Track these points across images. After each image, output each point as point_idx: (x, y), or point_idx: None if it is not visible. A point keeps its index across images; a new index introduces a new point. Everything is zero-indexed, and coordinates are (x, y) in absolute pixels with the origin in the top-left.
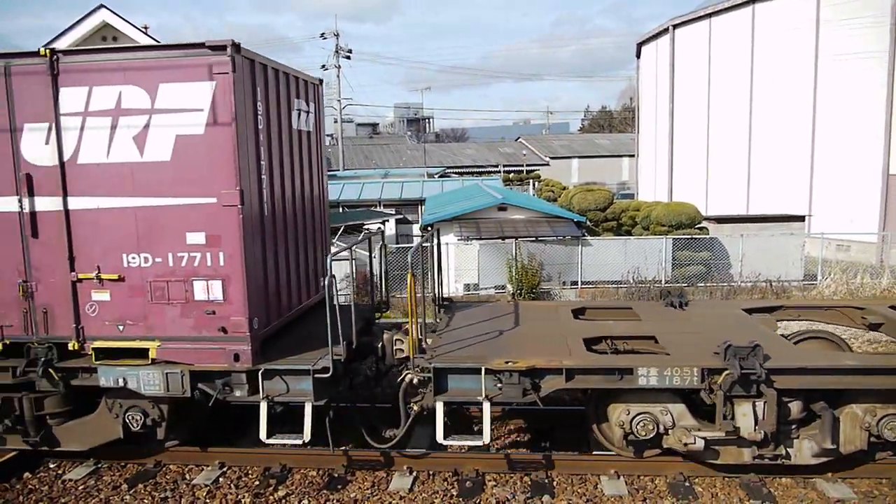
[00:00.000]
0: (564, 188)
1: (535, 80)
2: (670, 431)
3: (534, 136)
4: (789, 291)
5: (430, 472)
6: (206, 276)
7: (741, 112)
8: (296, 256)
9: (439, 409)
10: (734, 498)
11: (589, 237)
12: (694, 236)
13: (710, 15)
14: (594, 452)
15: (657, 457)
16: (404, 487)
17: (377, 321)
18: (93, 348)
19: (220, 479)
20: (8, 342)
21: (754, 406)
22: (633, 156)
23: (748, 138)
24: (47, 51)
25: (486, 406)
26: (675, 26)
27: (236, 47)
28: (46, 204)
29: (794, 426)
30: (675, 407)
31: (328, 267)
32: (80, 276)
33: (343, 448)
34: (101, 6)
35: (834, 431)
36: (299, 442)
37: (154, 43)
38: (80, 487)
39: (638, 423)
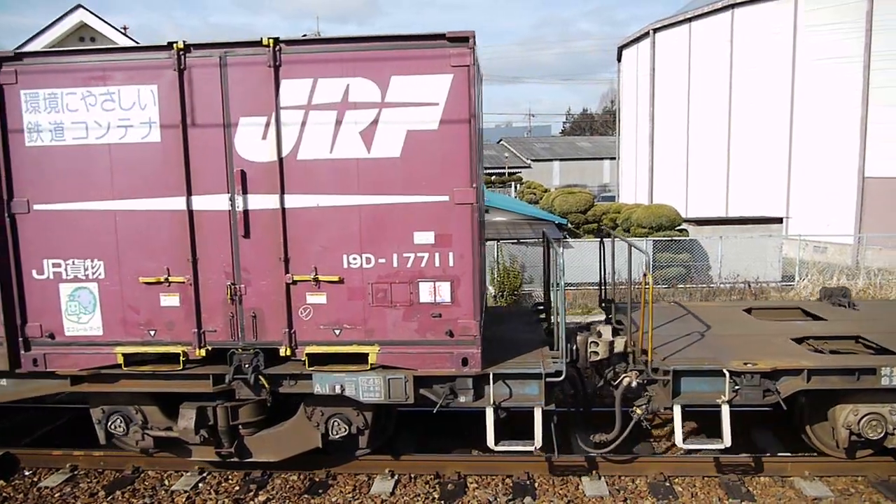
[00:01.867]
0: (546, 191)
1: (517, 83)
2: (884, 431)
3: (516, 138)
4: (767, 292)
5: (412, 476)
6: (434, 278)
7: (720, 115)
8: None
9: (676, 412)
10: (713, 497)
11: (570, 239)
12: (674, 238)
13: (690, 19)
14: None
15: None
16: (386, 491)
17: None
18: (306, 354)
19: (200, 485)
20: (209, 349)
21: None
22: (614, 158)
23: (727, 141)
24: (270, 40)
25: (726, 410)
26: (655, 30)
27: (473, 37)
28: (261, 202)
29: None
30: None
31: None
32: (296, 277)
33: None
34: (79, 6)
35: None
36: (530, 448)
37: (386, 34)
38: (57, 495)
39: (867, 424)
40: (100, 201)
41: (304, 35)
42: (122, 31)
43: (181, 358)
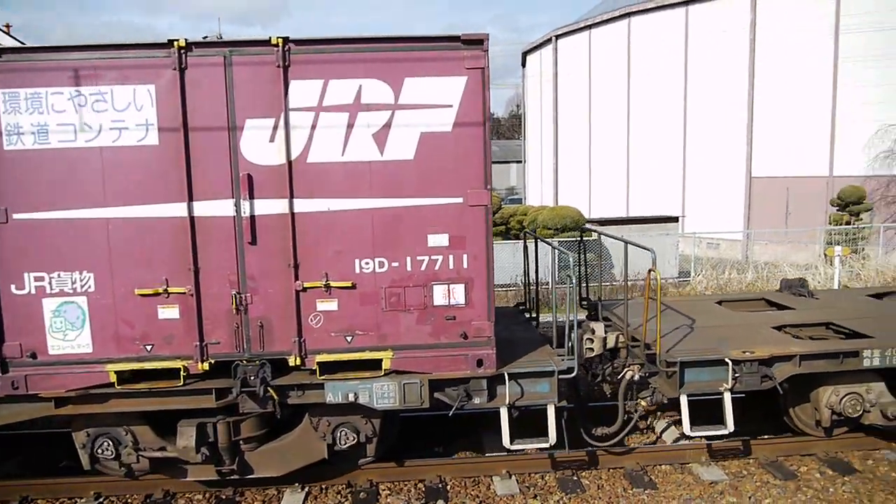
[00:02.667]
0: None
1: None
2: (871, 408)
3: None
4: (666, 288)
5: (323, 487)
6: (448, 280)
7: (620, 119)
8: None
9: (684, 401)
10: (618, 487)
11: None
12: (583, 238)
13: (590, 26)
14: (487, 455)
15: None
16: None
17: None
18: (318, 362)
19: None
20: (212, 362)
21: None
22: (520, 162)
23: (626, 144)
24: (279, 39)
25: (728, 396)
26: (557, 37)
27: (486, 40)
28: (269, 207)
29: None
30: (876, 385)
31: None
32: (306, 284)
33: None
34: None
35: None
36: (546, 445)
37: (400, 35)
38: None
39: (847, 404)
40: (90, 209)
41: (205, 37)
42: (4, 30)
43: (182, 373)
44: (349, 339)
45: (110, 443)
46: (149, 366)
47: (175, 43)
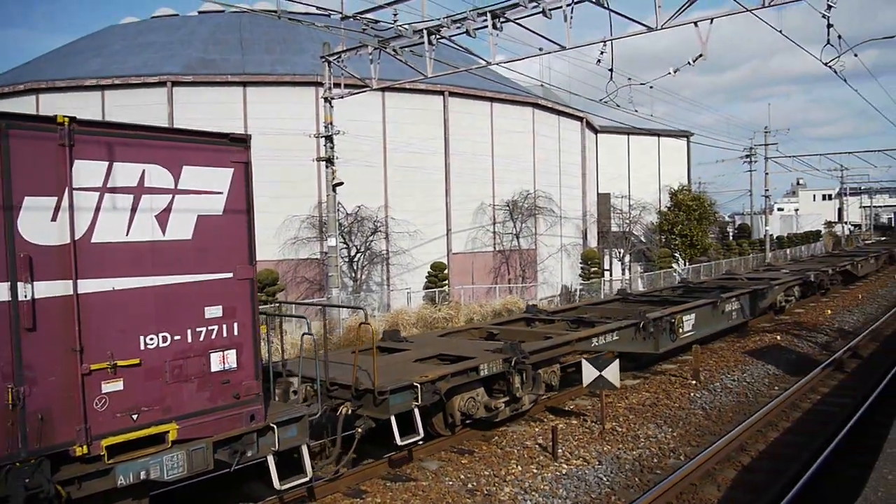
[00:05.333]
0: None
1: None
2: (479, 406)
3: None
4: None
5: None
6: (222, 347)
7: None
8: None
9: (393, 420)
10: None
11: None
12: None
13: None
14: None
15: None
16: None
17: None
18: (105, 447)
19: None
20: None
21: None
22: None
23: None
24: (66, 118)
25: (417, 411)
26: None
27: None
28: (49, 289)
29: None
30: (480, 390)
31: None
32: (93, 367)
33: None
34: None
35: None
36: (306, 480)
37: (178, 128)
38: None
39: (469, 405)
40: None
41: None
42: None
43: None
44: (135, 416)
45: None
46: None
47: None
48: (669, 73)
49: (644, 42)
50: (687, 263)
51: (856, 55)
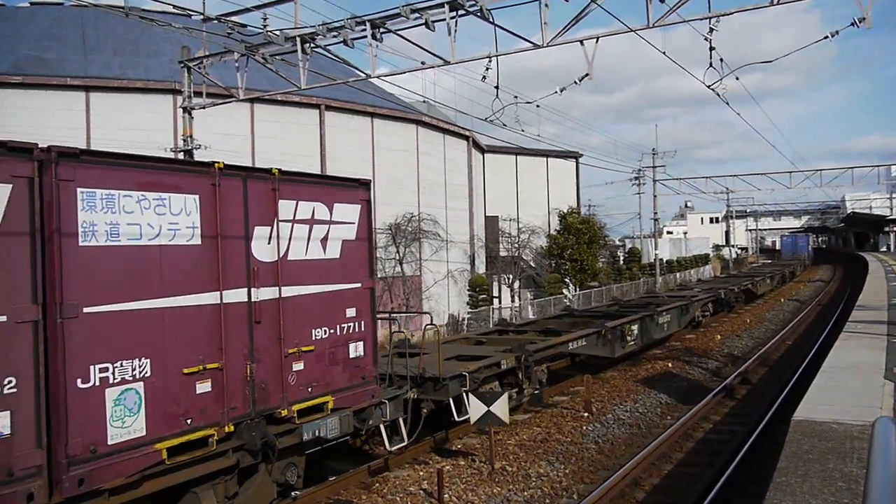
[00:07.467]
0: None
1: None
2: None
3: None
4: None
5: None
6: (356, 339)
7: None
8: None
9: (451, 402)
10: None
11: None
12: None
13: None
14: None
15: None
16: None
17: None
18: (296, 410)
19: None
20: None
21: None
22: None
23: None
24: (277, 170)
25: (471, 396)
26: None
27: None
28: (266, 294)
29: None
30: (495, 383)
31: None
32: (288, 351)
33: None
34: None
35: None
36: (404, 444)
37: (334, 175)
38: None
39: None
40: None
41: None
42: None
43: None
44: (310, 389)
45: None
46: (193, 437)
47: (215, 164)
48: (556, 93)
49: (532, 59)
50: (577, 289)
51: (737, 78)
